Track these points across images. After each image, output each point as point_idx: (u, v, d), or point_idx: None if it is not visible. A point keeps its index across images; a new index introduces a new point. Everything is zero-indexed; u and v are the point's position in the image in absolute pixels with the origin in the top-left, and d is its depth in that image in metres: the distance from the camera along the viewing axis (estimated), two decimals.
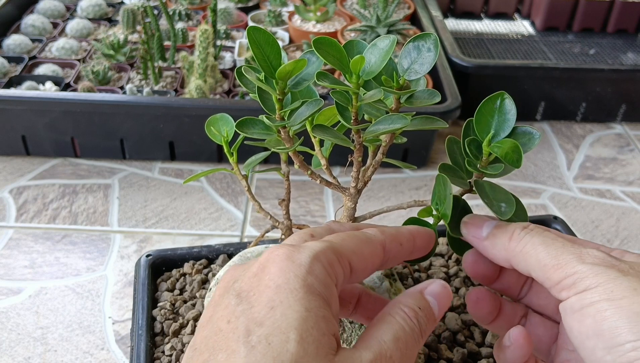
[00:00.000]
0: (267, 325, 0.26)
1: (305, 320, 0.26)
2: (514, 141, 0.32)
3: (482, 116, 0.34)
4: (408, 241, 0.33)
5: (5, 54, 1.05)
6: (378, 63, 0.34)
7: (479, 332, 0.49)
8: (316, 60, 0.35)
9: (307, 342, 0.26)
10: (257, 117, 0.38)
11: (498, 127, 0.34)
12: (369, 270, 0.31)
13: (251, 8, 1.29)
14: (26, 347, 0.63)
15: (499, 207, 0.33)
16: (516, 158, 0.32)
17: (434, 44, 0.34)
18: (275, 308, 0.26)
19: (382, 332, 0.29)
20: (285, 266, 0.28)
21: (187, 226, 0.81)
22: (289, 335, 0.25)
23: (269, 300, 0.27)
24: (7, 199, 0.85)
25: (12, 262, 0.74)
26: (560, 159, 1.00)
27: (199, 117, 0.88)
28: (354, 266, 0.30)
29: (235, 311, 0.27)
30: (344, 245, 0.30)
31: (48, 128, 0.90)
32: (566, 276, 0.29)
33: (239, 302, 0.27)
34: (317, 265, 0.28)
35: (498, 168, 0.34)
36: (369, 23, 1.11)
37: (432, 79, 0.98)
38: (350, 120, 0.35)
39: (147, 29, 1.01)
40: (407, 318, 0.30)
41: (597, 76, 1.05)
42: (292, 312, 0.26)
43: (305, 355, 0.25)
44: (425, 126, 0.36)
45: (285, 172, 0.43)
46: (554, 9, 1.31)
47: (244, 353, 0.25)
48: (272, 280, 0.28)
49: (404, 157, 0.92)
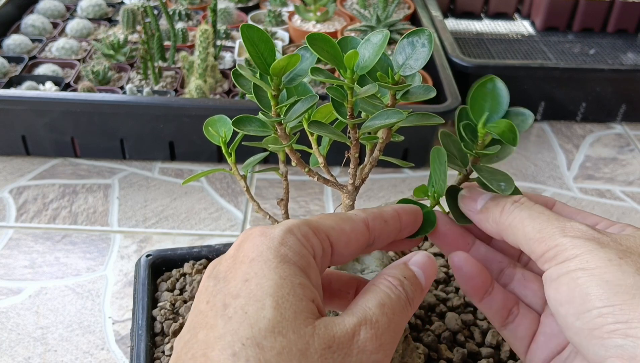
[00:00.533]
0: (242, 296, 0.26)
1: (281, 286, 0.26)
2: (508, 121, 0.32)
3: (475, 101, 0.34)
4: (393, 218, 0.33)
5: (5, 54, 1.05)
6: (372, 58, 0.34)
7: (479, 332, 0.49)
8: (310, 56, 0.35)
9: (283, 307, 0.25)
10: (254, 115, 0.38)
11: (492, 110, 0.34)
12: (354, 247, 0.31)
13: (251, 8, 1.29)
14: (26, 347, 0.63)
15: (498, 186, 0.33)
16: (512, 136, 0.32)
17: (428, 40, 0.35)
18: (250, 280, 0.26)
19: (367, 300, 0.29)
20: (258, 241, 0.28)
21: (187, 226, 0.81)
22: (265, 302, 0.25)
23: (243, 274, 0.27)
24: (7, 199, 0.85)
25: (12, 262, 0.74)
26: (560, 159, 1.00)
27: (199, 117, 0.88)
28: (334, 241, 0.30)
29: (213, 291, 0.27)
30: (320, 221, 0.30)
31: (48, 128, 0.90)
32: (549, 248, 0.30)
33: (216, 283, 0.28)
34: (290, 237, 0.28)
35: (495, 149, 0.34)
36: (369, 23, 1.11)
37: (432, 78, 0.98)
38: (346, 116, 0.35)
39: (147, 29, 1.01)
40: (391, 286, 0.30)
41: (597, 76, 1.05)
42: (266, 281, 0.26)
43: (283, 320, 0.25)
44: (422, 122, 0.36)
45: (283, 172, 0.43)
46: (554, 9, 1.31)
47: (221, 325, 0.25)
48: (246, 256, 0.28)
49: (404, 157, 0.92)
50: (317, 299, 0.27)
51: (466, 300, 0.51)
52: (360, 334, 0.27)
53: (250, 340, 0.24)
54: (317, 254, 0.29)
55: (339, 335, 0.26)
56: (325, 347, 0.25)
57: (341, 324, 0.27)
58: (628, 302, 0.26)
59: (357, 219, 0.31)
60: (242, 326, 0.25)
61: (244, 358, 0.24)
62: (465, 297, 0.51)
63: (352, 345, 0.26)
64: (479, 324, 0.49)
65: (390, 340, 0.28)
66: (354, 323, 0.27)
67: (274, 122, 0.36)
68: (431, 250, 0.57)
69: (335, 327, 0.26)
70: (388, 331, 0.28)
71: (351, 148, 0.37)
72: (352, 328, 0.27)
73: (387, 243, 0.34)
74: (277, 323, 0.25)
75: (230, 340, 0.24)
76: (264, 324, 0.25)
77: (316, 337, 0.25)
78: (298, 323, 0.25)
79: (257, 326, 0.25)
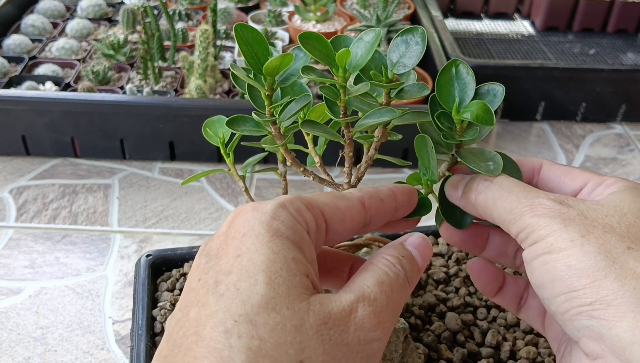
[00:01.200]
0: (234, 272, 0.25)
1: (273, 261, 0.25)
2: (480, 102, 0.32)
3: (442, 88, 0.34)
4: (388, 196, 0.33)
5: (5, 54, 1.05)
6: (364, 56, 0.34)
7: (478, 332, 0.49)
8: (303, 55, 0.35)
9: (276, 282, 0.25)
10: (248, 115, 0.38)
11: (462, 94, 0.34)
12: (349, 224, 0.30)
13: (251, 8, 1.29)
14: (26, 347, 0.63)
15: (487, 167, 0.33)
16: (488, 117, 0.32)
17: (421, 37, 0.35)
18: (241, 255, 0.26)
19: (364, 278, 0.28)
20: (250, 216, 0.27)
21: (187, 226, 0.81)
22: (257, 277, 0.25)
23: (235, 250, 0.26)
24: (7, 199, 0.85)
25: (12, 262, 0.74)
26: (560, 159, 1.00)
27: (199, 117, 0.88)
28: (328, 218, 0.29)
29: (205, 268, 0.27)
30: (314, 197, 0.30)
31: (48, 128, 0.90)
32: (520, 230, 0.30)
33: (208, 260, 0.27)
34: (282, 211, 0.28)
35: (473, 133, 0.34)
36: (369, 23, 1.11)
37: (432, 79, 0.98)
38: (339, 115, 0.35)
39: (147, 29, 1.01)
40: (390, 264, 0.29)
41: (597, 76, 1.05)
42: (258, 256, 0.26)
43: (276, 296, 0.24)
44: (417, 120, 0.36)
45: (282, 172, 0.43)
46: (554, 9, 1.31)
47: (213, 302, 0.25)
48: (238, 231, 0.27)
49: (404, 156, 0.93)
50: (311, 274, 0.27)
51: (466, 300, 0.51)
52: (358, 311, 0.26)
53: (243, 317, 0.24)
54: (311, 229, 0.28)
55: (335, 312, 0.26)
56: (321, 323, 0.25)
57: (337, 301, 0.26)
58: (590, 285, 0.26)
59: (352, 198, 0.31)
60: (234, 303, 0.24)
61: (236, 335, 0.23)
62: (465, 297, 0.51)
63: (349, 322, 0.26)
64: (479, 324, 0.49)
65: (389, 318, 0.27)
66: (351, 300, 0.26)
67: (268, 122, 0.36)
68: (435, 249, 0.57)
69: (332, 303, 0.26)
70: (387, 309, 0.27)
71: (345, 147, 0.37)
72: (349, 305, 0.26)
73: (384, 222, 0.33)
74: (270, 299, 0.24)
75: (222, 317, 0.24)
76: (256, 300, 0.24)
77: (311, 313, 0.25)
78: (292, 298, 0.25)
79: (250, 302, 0.24)
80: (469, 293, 0.52)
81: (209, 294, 0.25)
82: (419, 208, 0.35)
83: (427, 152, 0.35)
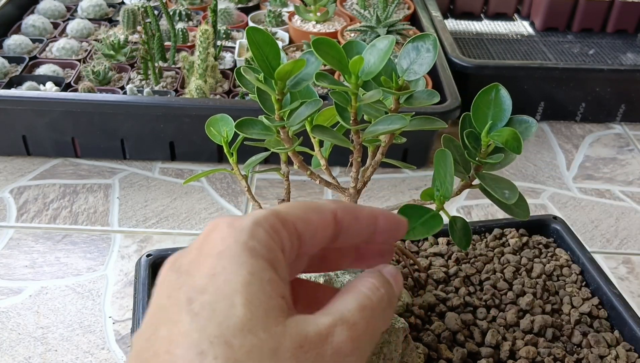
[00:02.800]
0: (209, 291, 0.25)
1: (250, 284, 0.25)
2: (512, 129, 0.33)
3: (478, 109, 0.35)
4: (367, 217, 0.31)
5: (5, 54, 1.06)
6: (377, 64, 0.34)
7: (478, 332, 0.49)
8: (315, 60, 0.35)
9: (254, 305, 0.24)
10: (256, 118, 0.38)
11: (495, 118, 0.34)
12: (318, 238, 0.30)
13: (251, 8, 1.29)
14: (27, 347, 0.63)
15: (502, 194, 0.33)
16: (516, 144, 0.32)
17: (432, 45, 0.35)
18: (217, 275, 0.25)
19: (346, 301, 0.28)
20: (226, 233, 0.27)
21: (187, 226, 0.81)
22: (234, 299, 0.24)
23: (210, 268, 0.26)
24: (7, 199, 0.85)
25: (13, 262, 0.74)
26: (560, 159, 1.00)
27: (199, 117, 0.88)
28: (301, 232, 0.29)
29: (176, 284, 0.26)
30: (289, 211, 0.29)
31: (48, 128, 0.90)
32: None
33: (178, 276, 0.26)
34: (259, 229, 0.27)
35: (498, 158, 0.34)
36: (369, 23, 1.11)
37: (432, 79, 0.98)
38: (349, 120, 0.36)
39: (147, 29, 1.01)
40: (374, 288, 0.29)
41: (596, 76, 1.05)
42: (235, 277, 0.25)
43: (253, 318, 0.24)
44: (425, 126, 0.36)
45: (284, 172, 0.43)
46: (554, 9, 1.31)
47: (187, 321, 0.24)
48: (213, 248, 0.27)
49: (404, 157, 0.93)
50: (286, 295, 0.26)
51: (466, 300, 0.51)
52: (334, 335, 0.26)
53: (219, 339, 0.23)
54: (286, 247, 0.28)
55: (312, 335, 0.25)
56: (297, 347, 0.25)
57: (314, 324, 0.26)
58: None
59: (325, 210, 0.30)
60: (210, 323, 0.24)
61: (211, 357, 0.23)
62: (465, 297, 0.52)
63: (326, 346, 0.25)
64: (478, 324, 0.50)
65: (367, 344, 0.27)
66: (328, 323, 0.26)
67: (277, 126, 0.36)
68: (431, 250, 0.58)
69: (308, 326, 0.26)
70: (365, 334, 0.27)
71: (354, 153, 0.37)
72: (325, 328, 0.26)
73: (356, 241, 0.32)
74: (247, 322, 0.24)
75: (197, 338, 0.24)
76: (233, 322, 0.24)
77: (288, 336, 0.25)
78: (269, 321, 0.24)
79: (226, 324, 0.24)
80: (469, 293, 0.52)
81: (182, 312, 0.25)
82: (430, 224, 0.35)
83: (445, 167, 0.35)
